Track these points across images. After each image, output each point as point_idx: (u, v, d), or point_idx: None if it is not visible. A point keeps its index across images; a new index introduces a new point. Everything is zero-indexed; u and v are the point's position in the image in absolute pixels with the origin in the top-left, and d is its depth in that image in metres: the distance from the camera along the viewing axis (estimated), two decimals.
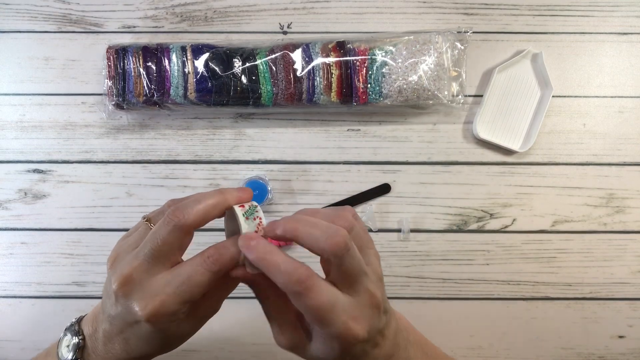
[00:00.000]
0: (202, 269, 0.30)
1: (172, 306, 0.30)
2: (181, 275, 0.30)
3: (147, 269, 0.30)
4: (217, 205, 0.32)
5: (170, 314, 0.30)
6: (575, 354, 0.59)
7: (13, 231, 0.60)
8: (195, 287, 0.30)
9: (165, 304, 0.29)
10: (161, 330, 0.31)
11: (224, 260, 0.31)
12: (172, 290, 0.30)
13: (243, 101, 0.57)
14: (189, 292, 0.30)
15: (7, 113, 0.61)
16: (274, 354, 0.58)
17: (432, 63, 0.57)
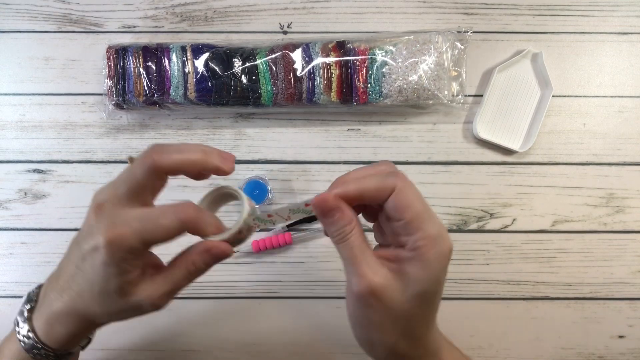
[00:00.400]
0: (172, 215, 0.30)
1: (132, 240, 0.30)
2: (150, 214, 0.31)
3: (119, 201, 0.31)
4: (196, 162, 0.32)
5: (128, 247, 0.30)
6: (575, 354, 0.59)
7: (13, 231, 0.60)
8: (159, 228, 0.30)
9: (126, 235, 0.29)
10: (113, 266, 0.30)
11: (195, 217, 0.31)
12: (137, 224, 0.30)
13: (243, 101, 0.57)
14: (151, 232, 0.30)
15: (7, 113, 0.61)
16: (274, 354, 0.59)
17: (432, 63, 0.57)
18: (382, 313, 0.31)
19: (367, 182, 0.31)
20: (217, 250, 0.33)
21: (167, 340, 0.59)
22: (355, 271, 0.30)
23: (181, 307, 0.59)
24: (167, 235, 0.31)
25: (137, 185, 0.31)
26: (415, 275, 0.30)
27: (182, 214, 0.31)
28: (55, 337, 0.34)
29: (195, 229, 0.32)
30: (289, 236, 0.58)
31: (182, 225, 0.31)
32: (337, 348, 0.58)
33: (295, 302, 0.59)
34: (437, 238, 0.30)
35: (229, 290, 0.59)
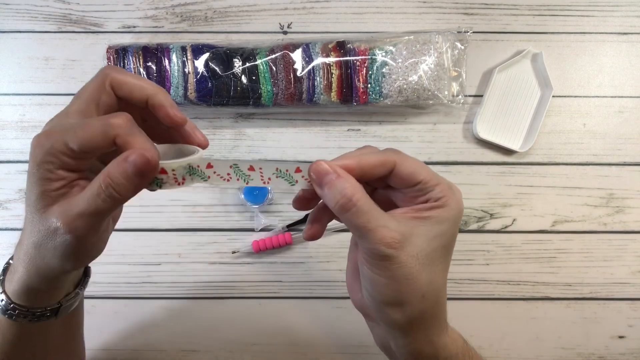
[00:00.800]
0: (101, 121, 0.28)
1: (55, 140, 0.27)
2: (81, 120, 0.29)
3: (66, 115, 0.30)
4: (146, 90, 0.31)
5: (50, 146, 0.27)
6: (575, 354, 0.59)
7: (13, 231, 0.60)
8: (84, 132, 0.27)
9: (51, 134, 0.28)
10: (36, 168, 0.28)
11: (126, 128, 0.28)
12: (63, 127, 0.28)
13: (243, 101, 0.57)
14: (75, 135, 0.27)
15: (7, 113, 0.61)
16: (274, 354, 0.59)
17: (432, 63, 0.57)
18: (411, 263, 0.29)
19: (367, 157, 0.31)
20: (137, 156, 0.27)
21: (167, 340, 0.59)
22: (374, 236, 0.28)
23: (181, 307, 0.59)
24: (90, 141, 0.27)
25: (87, 97, 0.30)
26: (440, 215, 0.30)
27: (112, 120, 0.27)
28: (33, 294, 0.33)
29: (125, 142, 0.27)
30: (289, 236, 0.58)
31: (108, 131, 0.27)
32: (337, 348, 0.58)
33: (295, 302, 0.59)
34: (452, 187, 0.31)
35: (229, 290, 0.59)
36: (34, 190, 0.28)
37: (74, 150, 0.27)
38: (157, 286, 0.59)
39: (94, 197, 0.27)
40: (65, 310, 0.35)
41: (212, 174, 0.30)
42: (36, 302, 0.34)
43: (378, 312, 0.32)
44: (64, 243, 0.29)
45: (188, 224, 0.59)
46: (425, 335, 0.32)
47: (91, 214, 0.28)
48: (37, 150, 0.28)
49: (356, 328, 0.59)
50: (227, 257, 0.60)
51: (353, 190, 0.29)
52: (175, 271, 0.59)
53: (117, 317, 0.59)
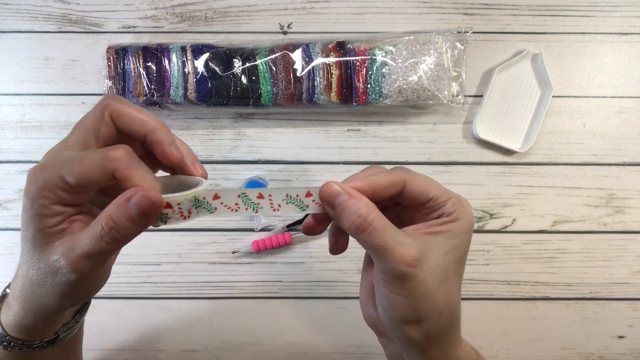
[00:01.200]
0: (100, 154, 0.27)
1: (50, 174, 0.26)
2: (79, 154, 0.28)
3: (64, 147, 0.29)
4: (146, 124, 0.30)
5: (45, 180, 0.26)
6: (575, 354, 0.59)
7: (13, 231, 0.60)
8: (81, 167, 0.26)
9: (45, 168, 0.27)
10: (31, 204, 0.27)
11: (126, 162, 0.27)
12: (60, 161, 0.27)
13: (243, 101, 0.57)
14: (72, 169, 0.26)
15: (7, 113, 0.61)
16: (274, 354, 0.59)
17: (432, 63, 0.57)
18: (428, 280, 0.29)
19: (377, 178, 0.30)
20: (140, 198, 0.26)
21: (167, 340, 0.59)
22: (392, 255, 0.28)
23: (181, 307, 0.59)
24: (88, 175, 0.26)
25: (86, 127, 0.29)
26: (453, 229, 0.30)
27: (110, 153, 0.26)
28: (9, 323, 0.32)
29: (124, 177, 0.26)
30: (289, 236, 0.58)
31: (107, 165, 0.26)
32: (337, 348, 0.59)
33: (295, 302, 0.59)
34: (463, 201, 0.32)
35: (229, 290, 0.59)
36: (31, 227, 0.27)
37: (70, 185, 0.26)
38: (157, 286, 0.59)
39: (97, 239, 0.26)
40: (63, 339, 0.35)
41: (219, 205, 0.29)
42: (33, 336, 0.33)
43: (395, 330, 0.32)
44: (65, 282, 0.28)
45: (188, 223, 0.59)
46: (441, 350, 0.32)
47: (95, 255, 0.27)
48: (32, 184, 0.26)
49: (356, 328, 0.59)
50: (227, 257, 0.60)
51: (367, 210, 0.28)
52: (175, 271, 0.59)
53: (117, 317, 0.59)
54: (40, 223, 0.27)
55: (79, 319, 0.36)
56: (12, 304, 0.31)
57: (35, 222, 0.27)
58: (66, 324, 0.34)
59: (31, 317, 0.31)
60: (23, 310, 0.31)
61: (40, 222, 0.27)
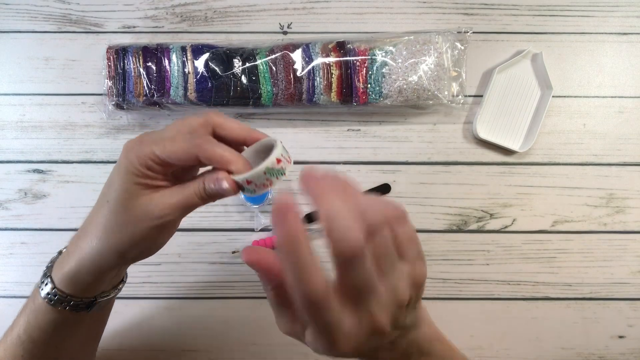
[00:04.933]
0: (189, 139, 0.33)
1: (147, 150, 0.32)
2: (173, 135, 0.33)
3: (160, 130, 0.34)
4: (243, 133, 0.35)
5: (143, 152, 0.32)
6: (575, 354, 0.59)
7: (13, 231, 0.60)
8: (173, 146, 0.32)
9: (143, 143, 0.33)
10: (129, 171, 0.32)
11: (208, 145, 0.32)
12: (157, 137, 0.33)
13: (243, 101, 0.57)
14: (165, 147, 0.32)
15: (7, 113, 0.61)
16: (274, 354, 0.59)
17: (432, 63, 0.57)
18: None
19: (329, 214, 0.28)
20: (221, 181, 0.33)
21: (167, 340, 0.59)
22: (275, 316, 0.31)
23: (181, 307, 0.59)
24: (178, 154, 0.32)
25: (189, 128, 0.34)
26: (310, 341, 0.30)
27: (198, 140, 0.32)
28: (63, 278, 0.35)
29: (208, 157, 0.32)
30: None
31: (193, 148, 0.32)
32: None
33: None
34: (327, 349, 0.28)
35: (229, 290, 0.59)
36: (121, 184, 0.33)
37: (160, 159, 0.32)
38: (157, 286, 0.59)
39: (189, 194, 0.34)
40: (98, 306, 0.38)
41: (284, 165, 0.33)
42: (77, 292, 0.36)
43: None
44: (146, 228, 0.33)
45: (188, 224, 0.59)
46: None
47: (184, 205, 0.34)
48: (130, 152, 0.33)
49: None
50: (227, 257, 0.60)
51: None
52: (175, 271, 0.59)
53: (117, 317, 0.59)
54: (133, 180, 0.33)
55: (115, 291, 0.40)
56: (69, 259, 0.35)
57: (128, 180, 0.33)
58: (104, 292, 0.38)
59: (84, 271, 0.35)
60: (80, 262, 0.34)
61: (133, 180, 0.33)
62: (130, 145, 0.34)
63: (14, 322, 0.39)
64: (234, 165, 0.33)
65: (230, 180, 0.33)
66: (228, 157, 0.33)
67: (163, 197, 0.33)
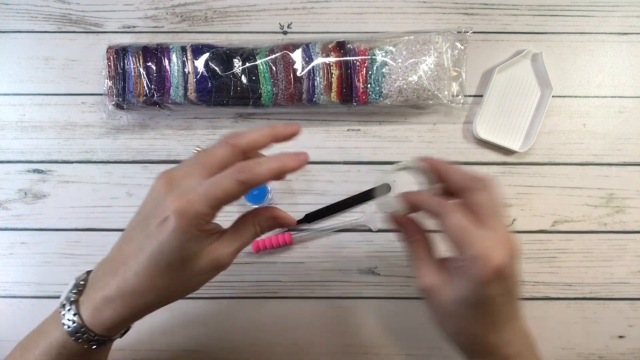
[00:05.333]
0: (229, 177, 0.32)
1: (199, 205, 0.32)
2: (212, 180, 0.33)
3: (191, 174, 0.33)
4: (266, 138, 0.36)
5: (196, 213, 0.32)
6: (575, 354, 0.59)
7: (13, 231, 0.60)
8: (222, 191, 0.32)
9: (193, 201, 0.32)
10: (183, 233, 0.32)
11: (252, 173, 0.33)
12: (202, 189, 0.32)
13: (243, 101, 0.57)
14: (215, 195, 0.32)
15: (7, 113, 0.61)
16: (273, 354, 0.59)
17: (432, 63, 0.57)
18: (437, 308, 0.38)
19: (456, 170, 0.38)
20: (282, 220, 0.38)
21: (168, 340, 0.59)
22: (416, 272, 0.38)
23: (181, 307, 0.59)
24: (230, 196, 0.33)
25: (216, 162, 0.34)
26: (457, 286, 0.36)
27: (239, 175, 0.33)
28: (102, 321, 0.34)
29: (258, 182, 0.34)
30: (289, 236, 0.58)
31: (240, 186, 0.33)
32: (337, 348, 0.59)
33: (295, 302, 0.59)
34: (477, 259, 0.33)
35: (229, 290, 0.59)
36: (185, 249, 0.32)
37: (217, 207, 0.33)
38: None
39: (247, 238, 0.37)
40: (110, 342, 0.38)
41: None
42: (111, 332, 0.35)
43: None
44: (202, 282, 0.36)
45: None
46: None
47: (240, 249, 0.36)
48: (184, 216, 0.31)
49: (356, 328, 0.59)
50: None
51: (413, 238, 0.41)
52: None
53: None
54: (195, 243, 0.33)
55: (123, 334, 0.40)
56: (112, 299, 0.34)
57: (191, 244, 0.33)
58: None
59: (127, 319, 0.35)
60: (126, 312, 0.34)
61: (195, 243, 0.33)
62: (177, 203, 0.32)
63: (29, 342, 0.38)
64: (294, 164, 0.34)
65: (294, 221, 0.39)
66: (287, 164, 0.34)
67: (223, 247, 0.35)
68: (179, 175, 0.33)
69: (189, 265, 0.33)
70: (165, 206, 0.32)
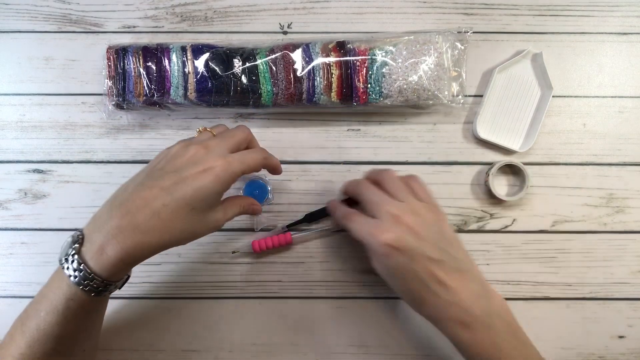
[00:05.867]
0: (260, 154, 0.46)
1: (237, 167, 0.42)
2: (247, 153, 0.45)
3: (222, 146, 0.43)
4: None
5: (235, 170, 0.41)
6: (575, 354, 0.59)
7: (13, 231, 0.60)
8: (253, 161, 0.44)
9: (234, 163, 0.42)
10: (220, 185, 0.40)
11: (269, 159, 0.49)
12: (238, 156, 0.43)
13: (243, 101, 0.57)
14: (248, 163, 0.43)
15: (7, 113, 0.61)
16: (274, 354, 0.59)
17: (432, 63, 0.57)
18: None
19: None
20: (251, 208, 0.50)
21: (167, 340, 0.59)
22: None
23: (181, 307, 0.59)
24: (254, 168, 0.44)
25: (236, 142, 0.45)
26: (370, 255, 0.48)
27: (265, 154, 0.47)
28: (106, 260, 0.36)
29: (269, 165, 0.49)
30: (289, 236, 0.58)
31: (264, 161, 0.46)
32: (337, 348, 0.59)
33: (295, 302, 0.59)
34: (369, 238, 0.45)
35: (229, 290, 0.59)
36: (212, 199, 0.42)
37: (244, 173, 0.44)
38: (157, 286, 0.59)
39: (238, 210, 0.48)
40: (120, 286, 0.42)
41: None
42: (111, 275, 0.38)
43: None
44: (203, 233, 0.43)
45: None
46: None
47: (233, 217, 0.48)
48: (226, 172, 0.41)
49: (356, 328, 0.59)
50: (226, 257, 0.60)
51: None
52: (175, 271, 0.60)
53: (117, 317, 0.59)
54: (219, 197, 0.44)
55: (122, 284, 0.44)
56: (121, 231, 0.37)
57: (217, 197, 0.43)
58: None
59: (135, 259, 0.38)
60: (135, 251, 0.37)
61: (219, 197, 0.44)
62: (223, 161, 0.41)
63: (29, 311, 0.40)
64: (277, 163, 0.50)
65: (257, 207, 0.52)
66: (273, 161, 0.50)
67: (226, 210, 0.45)
68: (213, 145, 0.42)
69: (207, 213, 0.41)
70: (208, 160, 0.40)
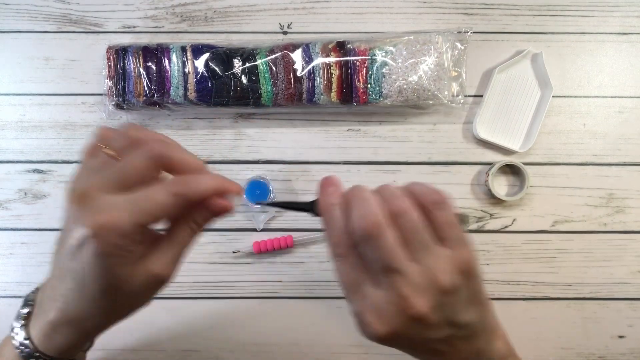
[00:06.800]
0: (164, 190, 0.28)
1: (123, 223, 0.26)
2: (140, 193, 0.27)
3: (106, 188, 0.28)
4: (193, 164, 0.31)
5: (120, 232, 0.26)
6: (575, 354, 0.59)
7: (13, 231, 0.60)
8: (153, 205, 0.27)
9: (115, 219, 0.26)
10: (106, 257, 0.27)
11: (189, 187, 0.29)
12: (127, 205, 0.27)
13: (243, 101, 0.57)
14: (144, 209, 0.27)
15: (7, 113, 0.61)
16: (274, 353, 0.59)
17: (432, 63, 0.57)
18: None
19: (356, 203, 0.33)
20: (216, 206, 0.30)
21: (167, 340, 0.59)
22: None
23: (181, 307, 0.59)
24: (162, 211, 0.28)
25: (134, 173, 0.28)
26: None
27: (175, 188, 0.28)
28: (54, 346, 0.32)
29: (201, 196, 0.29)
30: (291, 239, 0.58)
31: (175, 199, 0.28)
32: (337, 348, 0.59)
33: (295, 302, 0.59)
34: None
35: (229, 290, 0.59)
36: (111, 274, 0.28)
37: (144, 224, 0.28)
38: None
39: (184, 242, 0.31)
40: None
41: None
42: (64, 354, 0.33)
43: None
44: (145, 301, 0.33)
45: None
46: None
47: (179, 256, 0.31)
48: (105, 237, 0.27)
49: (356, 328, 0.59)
50: (227, 257, 0.60)
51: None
52: None
53: None
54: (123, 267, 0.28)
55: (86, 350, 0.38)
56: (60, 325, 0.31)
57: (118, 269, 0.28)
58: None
59: (84, 336, 0.32)
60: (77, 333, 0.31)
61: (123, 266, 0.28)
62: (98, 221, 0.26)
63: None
64: (235, 188, 0.31)
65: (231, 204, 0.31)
66: (227, 186, 0.31)
67: (160, 259, 0.30)
68: (94, 188, 0.27)
69: (124, 288, 0.29)
70: (81, 227, 0.26)
